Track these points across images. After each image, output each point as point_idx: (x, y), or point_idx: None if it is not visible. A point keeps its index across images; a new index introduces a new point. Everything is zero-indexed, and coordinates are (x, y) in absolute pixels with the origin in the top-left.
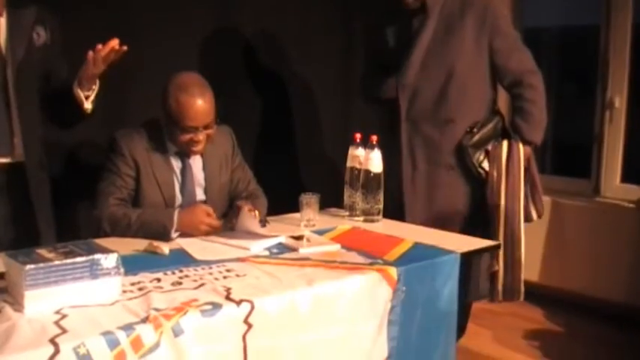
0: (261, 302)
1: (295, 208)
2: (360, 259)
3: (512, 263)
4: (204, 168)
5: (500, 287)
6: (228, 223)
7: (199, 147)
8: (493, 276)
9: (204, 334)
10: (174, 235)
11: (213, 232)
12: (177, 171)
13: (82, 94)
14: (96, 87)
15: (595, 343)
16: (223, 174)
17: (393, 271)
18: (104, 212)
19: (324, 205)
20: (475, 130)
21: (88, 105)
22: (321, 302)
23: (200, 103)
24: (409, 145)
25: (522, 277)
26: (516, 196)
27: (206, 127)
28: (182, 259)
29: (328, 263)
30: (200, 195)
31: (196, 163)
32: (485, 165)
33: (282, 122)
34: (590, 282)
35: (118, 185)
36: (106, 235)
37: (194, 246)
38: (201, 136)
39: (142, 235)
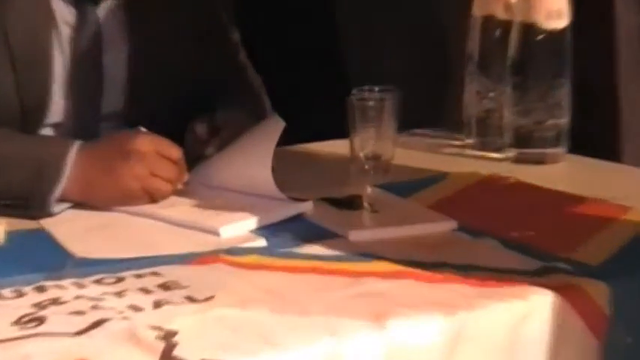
0: None
1: (339, 129)
2: (510, 259)
3: None
4: (129, 30)
5: None
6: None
7: None
8: None
9: None
10: (56, 207)
11: (164, 196)
12: (63, 34)
13: None
14: None
15: None
16: (179, 49)
17: (601, 293)
18: None
19: (409, 122)
20: None
21: None
22: None
23: None
24: None
25: None
26: None
27: None
28: (45, 254)
29: (426, 269)
30: (115, 101)
31: (112, 20)
32: None
33: None
34: None
35: None
36: None
37: (78, 223)
38: None
39: None
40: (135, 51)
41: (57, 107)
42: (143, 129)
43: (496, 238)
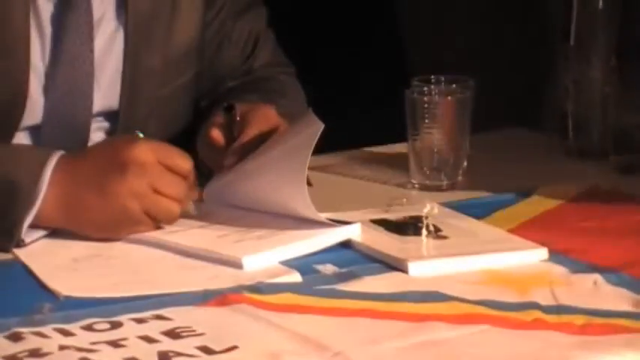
0: None
1: (395, 129)
2: (619, 298)
3: None
4: (125, 5)
5: None
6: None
7: None
8: None
9: None
10: (29, 235)
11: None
12: (42, 11)
13: None
14: None
15: None
16: (184, 23)
17: None
18: None
19: (484, 121)
20: None
21: None
22: None
23: None
24: None
25: None
26: None
27: None
28: (20, 293)
29: (508, 312)
30: (109, 97)
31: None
32: None
33: None
34: None
35: None
36: None
37: (62, 252)
38: None
39: None
40: (133, 30)
41: (35, 106)
42: (140, 134)
43: (599, 271)
